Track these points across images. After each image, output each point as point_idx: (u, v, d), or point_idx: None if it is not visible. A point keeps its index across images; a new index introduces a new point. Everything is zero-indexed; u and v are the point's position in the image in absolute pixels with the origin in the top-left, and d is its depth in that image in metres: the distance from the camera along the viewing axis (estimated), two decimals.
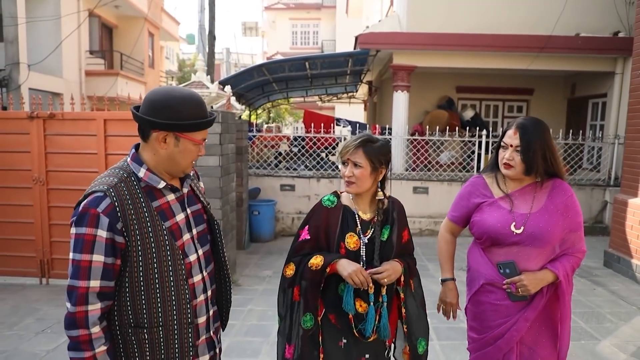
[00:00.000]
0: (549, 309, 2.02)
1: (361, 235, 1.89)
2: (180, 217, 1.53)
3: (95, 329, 1.37)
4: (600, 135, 8.90)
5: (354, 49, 9.24)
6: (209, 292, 1.61)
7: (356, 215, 1.91)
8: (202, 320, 1.57)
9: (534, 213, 1.98)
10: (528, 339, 2.01)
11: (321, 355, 1.86)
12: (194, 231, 1.58)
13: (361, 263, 1.86)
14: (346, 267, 1.78)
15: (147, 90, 15.77)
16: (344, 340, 1.89)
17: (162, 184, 1.49)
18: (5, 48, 10.31)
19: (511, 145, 1.98)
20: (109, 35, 16.26)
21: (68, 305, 1.37)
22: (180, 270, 1.47)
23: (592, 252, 6.84)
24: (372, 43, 8.56)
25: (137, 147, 1.53)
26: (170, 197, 1.53)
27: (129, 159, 1.50)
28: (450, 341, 3.87)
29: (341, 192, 1.99)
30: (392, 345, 2.06)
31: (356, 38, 8.73)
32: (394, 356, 2.07)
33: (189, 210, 1.58)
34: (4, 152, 5.27)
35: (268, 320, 4.30)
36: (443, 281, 2.25)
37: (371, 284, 1.80)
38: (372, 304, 1.84)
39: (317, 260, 1.82)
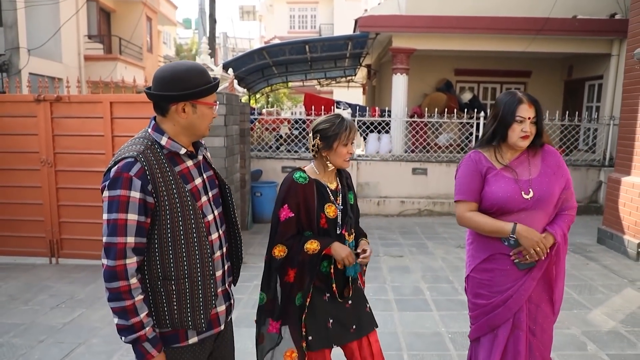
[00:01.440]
0: (548, 267, 2.16)
1: (337, 204, 2.13)
2: (198, 180, 1.69)
3: (134, 280, 1.51)
4: (595, 117, 9.02)
5: (354, 32, 9.30)
6: (224, 249, 1.78)
7: (326, 187, 2.13)
8: (219, 273, 1.73)
9: (534, 178, 2.12)
10: (534, 297, 2.16)
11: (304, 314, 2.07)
12: (210, 194, 1.74)
13: (337, 227, 2.12)
14: (340, 251, 2.04)
15: (146, 75, 15.80)
16: (327, 294, 2.12)
17: (183, 150, 1.64)
18: (5, 33, 10.31)
19: (529, 118, 2.09)
20: (107, 19, 16.19)
21: (106, 261, 1.50)
22: (201, 227, 1.63)
23: (587, 230, 7.03)
24: (372, 26, 8.62)
25: (155, 118, 1.66)
26: (189, 162, 1.68)
27: (149, 130, 1.64)
28: (448, 311, 4.04)
29: (304, 168, 2.17)
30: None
31: (356, 21, 8.79)
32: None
33: (204, 175, 1.73)
34: (12, 134, 5.38)
35: None
36: (513, 231, 2.07)
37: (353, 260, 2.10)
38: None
39: (313, 245, 2.01)
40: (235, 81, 7.24)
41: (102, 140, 5.22)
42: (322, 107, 8.23)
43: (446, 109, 8.37)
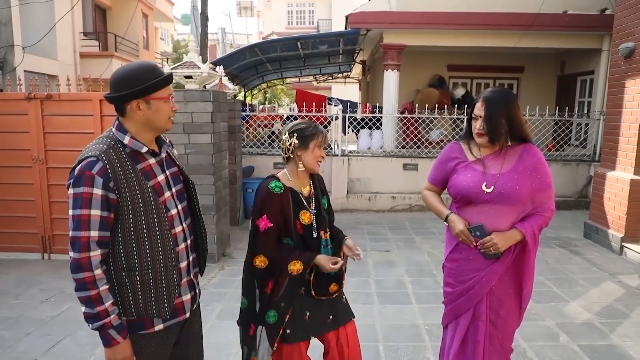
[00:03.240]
0: (517, 264, 2.22)
1: (310, 210, 2.19)
2: (161, 177, 1.77)
3: (98, 271, 1.60)
4: (587, 112, 9.08)
5: (345, 28, 9.34)
6: (188, 241, 1.86)
7: (300, 194, 2.18)
8: (183, 264, 1.82)
9: (503, 173, 2.17)
10: (498, 291, 2.23)
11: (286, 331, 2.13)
12: (173, 189, 1.82)
13: (313, 231, 2.18)
14: (325, 265, 2.10)
15: None
16: (303, 288, 2.18)
17: (144, 149, 1.72)
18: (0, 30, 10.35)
19: (480, 116, 2.17)
20: (103, 16, 16.23)
21: (72, 253, 1.59)
22: (163, 221, 1.72)
23: (575, 225, 7.11)
24: (362, 22, 8.66)
25: (119, 118, 1.74)
26: (152, 160, 1.76)
27: (113, 129, 1.72)
28: (428, 304, 4.13)
29: (277, 175, 2.22)
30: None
31: (346, 17, 8.83)
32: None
33: (167, 172, 1.81)
34: (4, 132, 5.46)
35: None
36: (446, 219, 2.29)
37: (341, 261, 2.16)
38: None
39: (296, 266, 2.07)
40: (226, 78, 7.30)
41: (92, 138, 5.19)
42: (314, 104, 8.30)
43: (438, 105, 8.43)
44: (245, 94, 14.12)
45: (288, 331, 2.13)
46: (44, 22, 11.69)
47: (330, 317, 2.21)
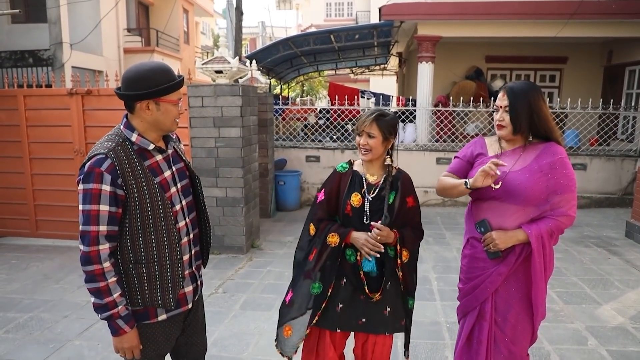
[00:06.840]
0: (525, 269, 2.13)
1: (366, 195, 2.16)
2: (167, 173, 1.84)
3: (107, 264, 1.67)
4: (634, 104, 8.60)
5: (379, 20, 9.23)
6: (191, 235, 1.93)
7: (363, 179, 2.19)
8: (186, 257, 1.89)
9: (514, 171, 2.09)
10: (504, 293, 2.16)
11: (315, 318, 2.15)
12: (179, 185, 1.89)
13: (365, 217, 2.14)
14: (357, 237, 2.09)
15: (182, 66, 16.29)
16: (344, 280, 2.17)
17: (151, 146, 1.78)
18: (49, 29, 10.91)
19: (501, 107, 2.11)
20: (145, 12, 16.75)
21: (82, 246, 1.67)
22: (169, 216, 1.78)
23: (617, 224, 6.79)
24: (396, 14, 8.53)
25: (127, 116, 1.80)
26: (159, 157, 1.83)
27: (121, 127, 1.78)
28: (452, 302, 4.05)
29: (354, 161, 2.30)
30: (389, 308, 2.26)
31: (380, 9, 8.73)
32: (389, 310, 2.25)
33: (174, 168, 1.88)
34: (48, 126, 5.79)
35: (284, 280, 4.64)
36: (466, 185, 2.12)
37: (381, 248, 2.06)
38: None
39: (334, 239, 2.12)
40: (259, 72, 7.39)
41: None
42: (346, 97, 8.28)
43: (473, 97, 8.21)
44: (281, 87, 14.24)
45: (317, 317, 2.15)
46: (89, 20, 12.21)
47: (363, 320, 2.17)
